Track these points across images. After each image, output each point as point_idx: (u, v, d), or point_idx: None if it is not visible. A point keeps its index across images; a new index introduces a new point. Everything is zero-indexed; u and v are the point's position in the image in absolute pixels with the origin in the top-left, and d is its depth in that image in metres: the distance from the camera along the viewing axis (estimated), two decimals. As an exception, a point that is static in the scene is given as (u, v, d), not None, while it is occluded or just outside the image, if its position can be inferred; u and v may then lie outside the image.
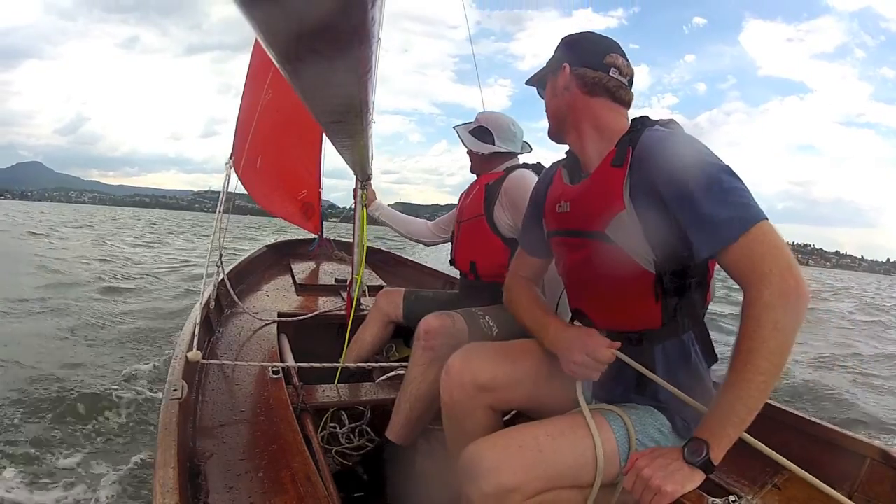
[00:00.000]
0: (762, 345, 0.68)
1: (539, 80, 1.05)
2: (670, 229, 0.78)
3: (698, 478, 0.71)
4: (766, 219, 0.72)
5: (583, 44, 0.97)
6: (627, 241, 0.84)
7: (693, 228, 0.75)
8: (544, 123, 1.05)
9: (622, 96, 0.94)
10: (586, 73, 0.93)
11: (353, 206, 2.21)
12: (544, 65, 1.03)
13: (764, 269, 0.69)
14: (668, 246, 0.80)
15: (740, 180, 0.75)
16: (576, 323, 1.00)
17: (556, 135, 1.02)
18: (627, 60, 0.95)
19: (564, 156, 1.05)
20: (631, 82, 0.96)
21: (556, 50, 1.00)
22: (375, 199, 2.11)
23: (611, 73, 0.92)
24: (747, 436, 0.74)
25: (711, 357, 0.91)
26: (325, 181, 3.23)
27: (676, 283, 0.84)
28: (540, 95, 1.07)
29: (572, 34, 1.01)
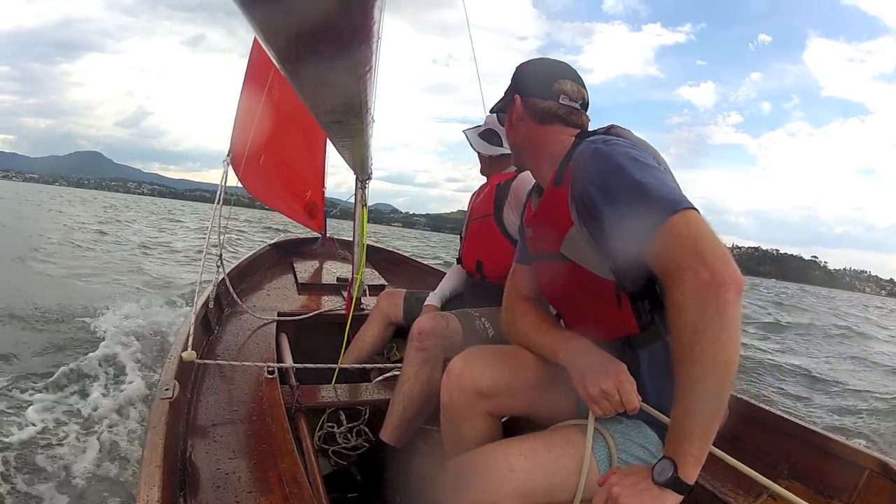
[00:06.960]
0: (689, 352, 0.64)
1: (501, 108, 1.07)
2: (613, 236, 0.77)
3: (669, 499, 0.68)
4: (684, 208, 0.67)
5: (530, 73, 0.98)
6: (582, 256, 0.84)
7: (616, 237, 0.74)
8: None
9: (574, 120, 0.95)
10: (536, 102, 0.95)
11: (351, 199, 2.23)
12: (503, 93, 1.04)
13: (673, 266, 0.65)
14: (619, 252, 0.78)
15: (653, 174, 0.73)
16: None
17: (518, 163, 1.05)
18: (579, 83, 0.96)
19: None
20: (585, 105, 0.97)
21: (511, 80, 1.02)
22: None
23: (560, 101, 0.94)
24: (721, 452, 0.73)
25: None
26: (329, 180, 3.20)
27: (641, 287, 0.81)
28: (500, 122, 1.08)
29: (523, 63, 1.02)
